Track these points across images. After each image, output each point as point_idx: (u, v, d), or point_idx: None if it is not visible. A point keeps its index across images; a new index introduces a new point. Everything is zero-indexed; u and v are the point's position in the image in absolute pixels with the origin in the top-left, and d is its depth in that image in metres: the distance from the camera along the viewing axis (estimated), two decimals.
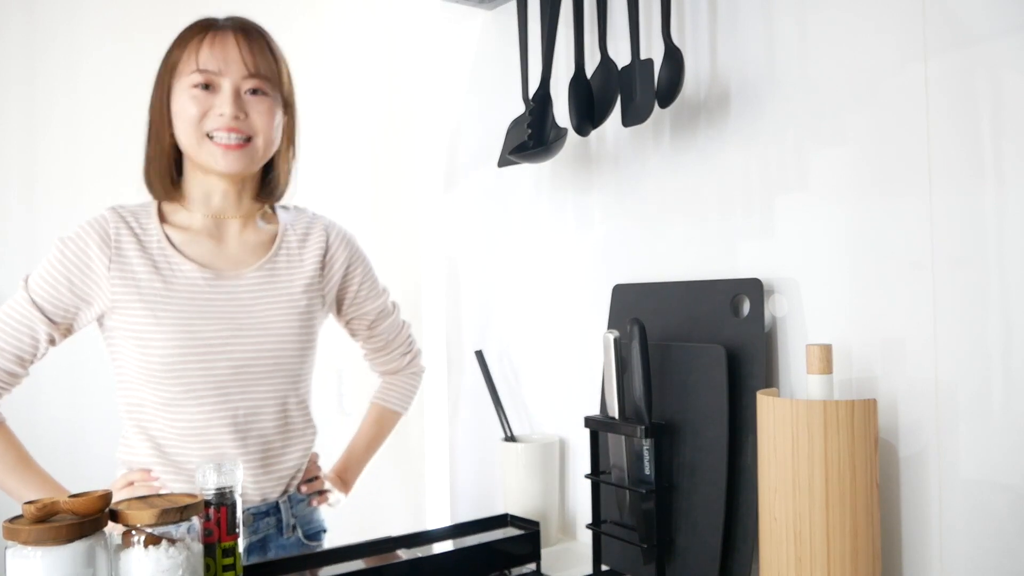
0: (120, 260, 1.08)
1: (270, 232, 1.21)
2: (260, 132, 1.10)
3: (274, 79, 1.11)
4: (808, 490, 0.82)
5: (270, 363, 1.13)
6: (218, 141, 1.08)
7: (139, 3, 1.73)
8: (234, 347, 1.11)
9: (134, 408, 1.12)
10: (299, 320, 1.16)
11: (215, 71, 1.07)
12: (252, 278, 1.15)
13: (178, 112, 1.09)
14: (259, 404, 1.13)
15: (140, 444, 1.11)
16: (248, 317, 1.12)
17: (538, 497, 1.24)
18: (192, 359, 1.08)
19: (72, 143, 1.66)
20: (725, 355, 0.98)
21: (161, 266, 1.10)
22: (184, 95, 1.08)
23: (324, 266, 1.21)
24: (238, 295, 1.13)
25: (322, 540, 1.26)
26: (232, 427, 1.11)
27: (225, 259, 1.15)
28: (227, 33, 1.09)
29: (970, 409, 0.84)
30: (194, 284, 1.11)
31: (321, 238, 1.22)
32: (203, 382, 1.09)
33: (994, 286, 0.82)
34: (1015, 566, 0.81)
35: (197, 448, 1.10)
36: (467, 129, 1.54)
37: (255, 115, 1.09)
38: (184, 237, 1.14)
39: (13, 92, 1.61)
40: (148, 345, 1.08)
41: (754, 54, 1.04)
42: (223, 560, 0.87)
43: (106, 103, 1.67)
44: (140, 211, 1.14)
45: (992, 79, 0.82)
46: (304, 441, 1.20)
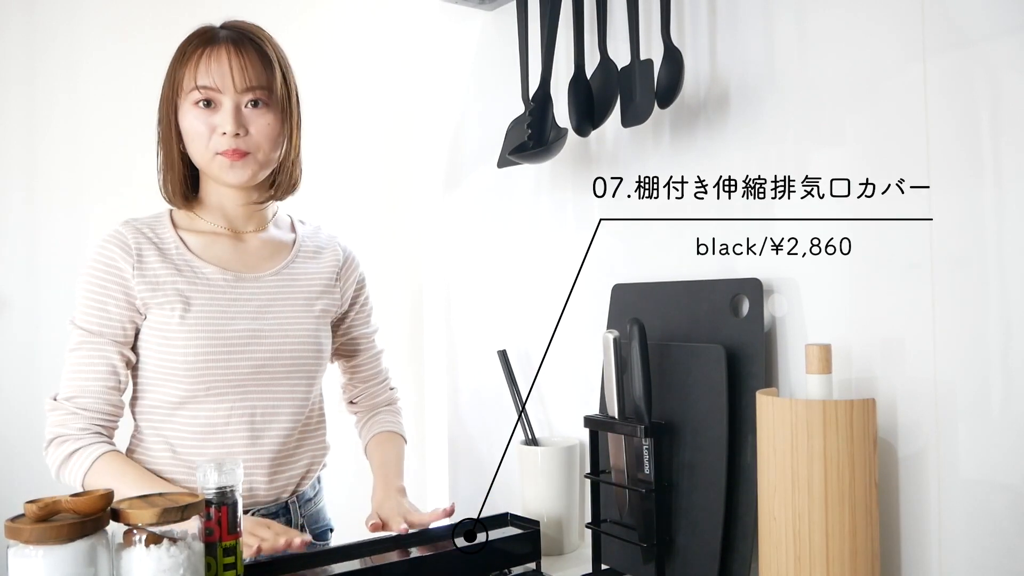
0: (142, 266, 1.10)
1: (288, 240, 1.24)
2: (260, 147, 1.12)
3: (270, 87, 1.12)
4: (807, 490, 0.83)
5: (289, 364, 1.15)
6: (225, 156, 1.10)
7: (139, 3, 1.73)
8: (255, 347, 1.13)
9: (147, 410, 1.13)
10: (315, 323, 1.19)
11: (213, 88, 1.09)
12: (271, 281, 1.17)
13: (187, 130, 1.12)
14: (277, 404, 1.15)
15: (155, 445, 1.13)
16: (268, 317, 1.14)
17: (558, 500, 1.22)
18: (215, 357, 1.10)
19: (72, 143, 1.66)
20: (725, 355, 0.98)
21: (183, 268, 1.12)
22: (190, 114, 1.11)
23: (339, 278, 1.25)
24: (258, 296, 1.15)
25: (329, 539, 1.27)
26: (249, 426, 1.13)
27: (244, 263, 1.17)
28: (221, 48, 1.10)
29: (969, 409, 0.84)
30: (216, 284, 1.13)
31: (337, 252, 1.27)
32: (224, 380, 1.11)
33: (994, 286, 0.82)
34: (1015, 566, 0.81)
35: (212, 447, 1.11)
36: (467, 129, 1.54)
37: (256, 129, 1.11)
38: (202, 241, 1.16)
39: (13, 92, 1.61)
40: (172, 343, 1.09)
41: (754, 54, 1.04)
42: (224, 559, 0.87)
43: (106, 103, 1.67)
44: (154, 222, 1.16)
45: (991, 79, 0.82)
46: (316, 442, 1.22)
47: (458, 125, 1.56)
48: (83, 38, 1.68)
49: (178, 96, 1.11)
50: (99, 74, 1.68)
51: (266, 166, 1.14)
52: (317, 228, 1.30)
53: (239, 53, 1.10)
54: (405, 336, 1.84)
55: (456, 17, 1.54)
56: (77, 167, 1.65)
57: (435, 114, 1.67)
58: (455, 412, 1.59)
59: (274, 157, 1.15)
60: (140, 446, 1.14)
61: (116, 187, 1.59)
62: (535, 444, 1.28)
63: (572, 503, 1.23)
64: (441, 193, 1.63)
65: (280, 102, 1.13)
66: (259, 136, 1.11)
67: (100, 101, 1.66)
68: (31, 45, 1.64)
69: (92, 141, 1.65)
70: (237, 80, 1.09)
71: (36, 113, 1.64)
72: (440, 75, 1.63)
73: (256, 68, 1.11)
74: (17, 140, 1.62)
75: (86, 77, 1.67)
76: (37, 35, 1.65)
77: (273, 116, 1.12)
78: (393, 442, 1.30)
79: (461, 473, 1.57)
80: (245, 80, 1.09)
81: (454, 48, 1.57)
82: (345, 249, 1.28)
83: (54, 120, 1.65)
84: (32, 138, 1.64)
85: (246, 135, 1.10)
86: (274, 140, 1.13)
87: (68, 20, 1.67)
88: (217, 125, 1.09)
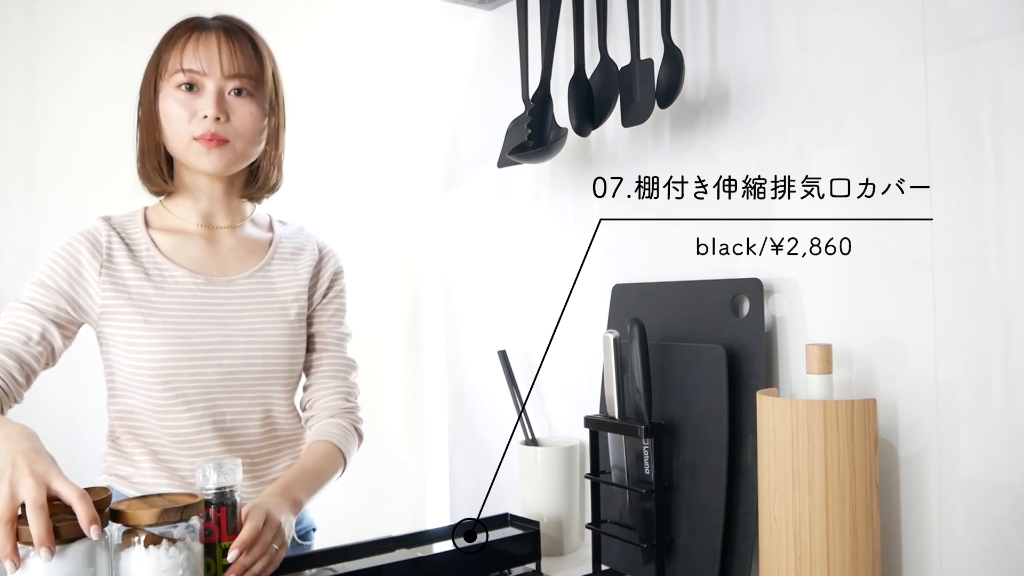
0: (111, 267, 1.08)
1: (264, 240, 1.20)
2: (240, 135, 1.09)
3: (258, 78, 1.10)
4: (808, 490, 0.83)
5: (259, 370, 1.13)
6: (202, 141, 1.08)
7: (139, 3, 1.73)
8: (224, 353, 1.10)
9: (126, 416, 1.11)
10: (289, 328, 1.16)
11: (198, 71, 1.07)
12: (244, 284, 1.15)
13: (166, 113, 1.09)
14: (246, 411, 1.12)
15: (136, 452, 1.10)
16: (239, 323, 1.12)
17: (558, 501, 1.21)
18: (183, 364, 1.08)
19: (72, 143, 1.66)
20: (725, 355, 0.98)
21: (152, 272, 1.10)
22: (171, 97, 1.08)
23: (314, 277, 1.21)
24: (229, 301, 1.13)
25: (312, 539, 1.25)
26: (219, 434, 1.10)
27: (217, 264, 1.14)
28: (211, 34, 1.08)
29: (970, 409, 0.84)
30: (185, 289, 1.10)
31: (315, 251, 1.23)
32: (193, 388, 1.08)
33: (994, 286, 0.82)
34: (1015, 566, 0.81)
35: (188, 454, 1.09)
36: (467, 129, 1.54)
37: (237, 117, 1.09)
38: (174, 241, 1.13)
39: (13, 92, 1.61)
40: (139, 351, 1.07)
41: (754, 54, 1.04)
42: (223, 560, 0.87)
43: (106, 103, 1.67)
44: (127, 221, 1.14)
45: (992, 79, 0.82)
46: (293, 449, 1.19)
47: (458, 125, 1.56)
48: (83, 38, 1.68)
49: (160, 78, 1.09)
50: (99, 75, 1.67)
51: (244, 158, 1.12)
52: (299, 229, 1.26)
53: (229, 40, 1.08)
54: (404, 336, 1.84)
55: (456, 17, 1.54)
56: (76, 167, 1.65)
57: (435, 114, 1.67)
58: (455, 412, 1.59)
59: (253, 151, 1.12)
60: (121, 455, 1.12)
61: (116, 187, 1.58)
62: (535, 444, 1.28)
63: (572, 503, 1.23)
64: (441, 193, 1.63)
65: (267, 96, 1.11)
66: (240, 124, 1.09)
67: (99, 102, 1.66)
68: (31, 45, 1.64)
69: (92, 141, 1.65)
70: (225, 64, 1.07)
71: (35, 113, 1.64)
72: (440, 75, 1.63)
73: (246, 56, 1.09)
74: (16, 140, 1.62)
75: (85, 77, 1.67)
76: (37, 35, 1.65)
77: (256, 107, 1.10)
78: (325, 455, 1.12)
79: (461, 473, 1.57)
80: (234, 66, 1.07)
81: (454, 48, 1.57)
82: (323, 247, 1.24)
83: (53, 120, 1.65)
84: (31, 138, 1.64)
85: (227, 121, 1.07)
86: (255, 131, 1.11)
87: (67, 21, 1.67)
88: (198, 109, 1.07)
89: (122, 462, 1.12)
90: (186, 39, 1.08)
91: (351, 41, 1.91)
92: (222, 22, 1.11)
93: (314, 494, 1.08)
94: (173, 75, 1.08)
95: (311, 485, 1.07)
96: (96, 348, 1.15)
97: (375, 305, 1.36)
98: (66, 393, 1.66)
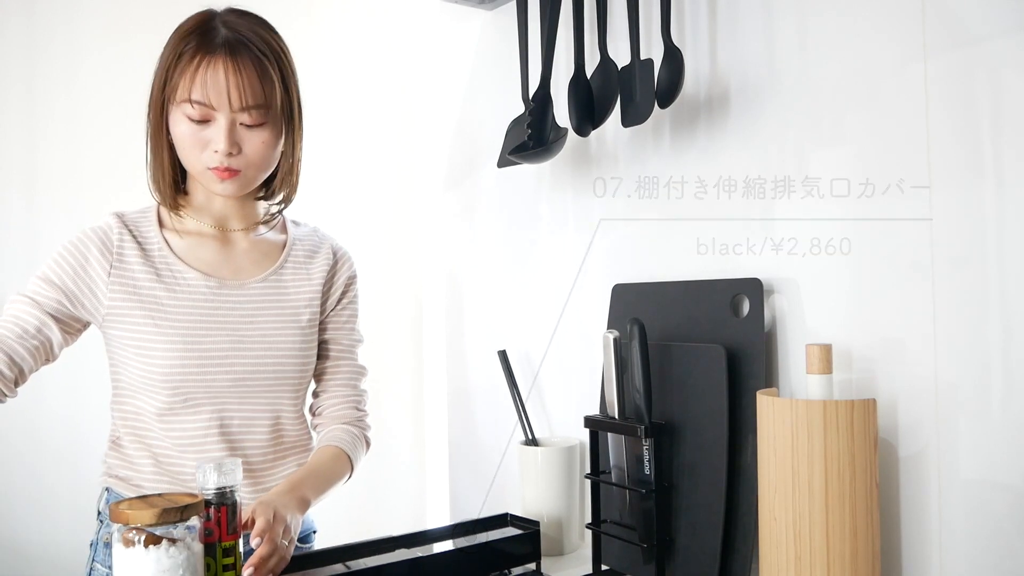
0: (121, 267, 1.07)
1: (278, 243, 1.19)
2: (252, 164, 1.08)
3: (269, 103, 1.07)
4: (808, 490, 0.83)
5: (270, 376, 1.12)
6: (215, 172, 1.06)
7: (139, 3, 1.73)
8: (235, 359, 1.09)
9: (131, 417, 1.10)
10: (301, 334, 1.15)
11: (208, 104, 1.04)
12: (256, 288, 1.14)
13: (177, 137, 1.07)
14: (254, 416, 1.11)
15: (137, 455, 1.10)
16: (250, 329, 1.11)
17: (558, 501, 1.21)
18: (192, 370, 1.07)
19: (72, 143, 1.66)
20: (725, 355, 0.98)
21: (163, 274, 1.09)
22: (182, 124, 1.06)
23: (327, 282, 1.20)
24: (242, 305, 1.12)
25: (312, 541, 1.25)
26: (225, 438, 1.09)
27: (230, 267, 1.13)
28: (218, 60, 1.04)
29: (970, 409, 0.84)
30: (197, 292, 1.09)
31: (329, 255, 1.21)
32: (201, 393, 1.07)
33: (994, 286, 0.82)
34: (1015, 566, 0.81)
35: (192, 458, 1.08)
36: (467, 129, 1.54)
37: (249, 147, 1.07)
38: (187, 243, 1.12)
39: (13, 92, 1.61)
40: (149, 355, 1.06)
41: (754, 54, 1.04)
42: (223, 560, 0.87)
43: (106, 103, 1.67)
44: (140, 218, 1.12)
45: (992, 79, 0.82)
46: (299, 455, 1.17)
47: (458, 125, 1.56)
48: (83, 38, 1.68)
49: (170, 101, 1.06)
50: (99, 75, 1.68)
51: (258, 180, 1.11)
52: (313, 230, 1.25)
53: (236, 68, 1.04)
54: (405, 336, 1.84)
55: (456, 17, 1.54)
56: (77, 168, 1.65)
57: (435, 114, 1.67)
58: (455, 412, 1.59)
59: (264, 175, 1.12)
60: (123, 458, 1.11)
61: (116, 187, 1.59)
62: (535, 444, 1.28)
63: (572, 503, 1.23)
64: (441, 193, 1.63)
65: (279, 116, 1.09)
66: (252, 154, 1.07)
67: (99, 102, 1.66)
68: (31, 45, 1.64)
69: (92, 141, 1.65)
70: (234, 99, 1.04)
71: (36, 113, 1.64)
72: (440, 75, 1.63)
73: (254, 85, 1.05)
74: (17, 140, 1.62)
75: (85, 78, 1.67)
76: (37, 35, 1.65)
77: (269, 133, 1.08)
78: (333, 458, 1.12)
79: (461, 473, 1.57)
80: (242, 100, 1.04)
81: (454, 48, 1.57)
82: (337, 250, 1.23)
83: (54, 120, 1.65)
84: (32, 138, 1.64)
85: (239, 153, 1.06)
86: (268, 158, 1.09)
87: (67, 21, 1.67)
88: (210, 141, 1.05)
89: (123, 464, 1.11)
90: (195, 65, 1.03)
91: (351, 41, 1.91)
92: (229, 35, 1.05)
93: (321, 495, 1.08)
94: (182, 103, 1.04)
95: (319, 486, 1.07)
96: (98, 349, 1.15)
97: (375, 305, 1.36)
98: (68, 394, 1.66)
